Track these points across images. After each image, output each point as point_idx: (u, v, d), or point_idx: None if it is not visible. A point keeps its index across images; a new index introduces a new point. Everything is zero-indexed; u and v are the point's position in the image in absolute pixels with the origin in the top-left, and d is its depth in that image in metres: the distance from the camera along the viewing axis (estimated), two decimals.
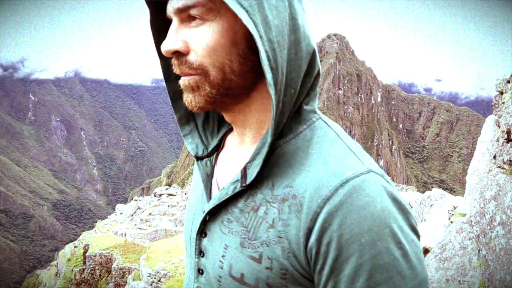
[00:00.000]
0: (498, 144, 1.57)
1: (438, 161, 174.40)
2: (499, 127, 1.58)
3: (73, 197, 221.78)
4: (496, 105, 1.63)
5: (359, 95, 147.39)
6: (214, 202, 0.77)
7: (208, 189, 0.83)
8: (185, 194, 45.33)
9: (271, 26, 0.65)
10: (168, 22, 0.75)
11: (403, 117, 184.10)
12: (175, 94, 0.85)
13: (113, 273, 24.20)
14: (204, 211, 0.81)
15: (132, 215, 41.76)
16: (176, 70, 0.73)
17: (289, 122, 0.73)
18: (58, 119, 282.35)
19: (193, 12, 0.67)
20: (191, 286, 0.84)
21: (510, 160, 1.47)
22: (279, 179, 0.71)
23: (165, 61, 0.81)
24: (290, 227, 0.68)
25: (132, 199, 66.71)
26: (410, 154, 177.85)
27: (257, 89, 0.74)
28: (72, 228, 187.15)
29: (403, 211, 0.67)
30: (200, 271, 0.82)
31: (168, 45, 0.70)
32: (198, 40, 0.68)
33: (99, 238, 31.44)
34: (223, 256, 0.75)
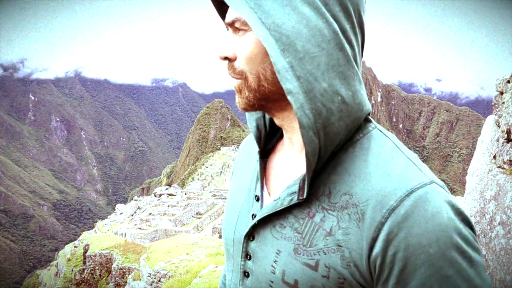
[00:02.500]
0: (498, 144, 1.57)
1: (438, 161, 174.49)
2: (499, 127, 1.58)
3: (73, 197, 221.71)
4: (496, 105, 1.62)
5: None
6: (267, 210, 0.78)
7: (259, 191, 0.84)
8: (185, 194, 45.32)
9: (298, 36, 0.67)
10: None
11: (403, 117, 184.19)
12: None
13: (113, 273, 24.21)
14: (252, 215, 0.82)
15: (132, 215, 41.77)
16: (228, 73, 0.79)
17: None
18: (58, 119, 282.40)
19: (237, 25, 0.74)
20: None
21: (510, 160, 1.48)
22: (337, 186, 0.72)
23: None
24: (351, 235, 0.69)
25: (132, 199, 66.71)
26: None
27: None
28: (72, 228, 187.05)
29: (466, 221, 0.67)
30: (246, 274, 0.82)
31: (219, 51, 0.77)
32: (241, 48, 0.75)
33: (99, 238, 31.47)
34: (275, 261, 0.75)
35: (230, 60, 0.77)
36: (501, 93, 1.61)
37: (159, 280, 15.48)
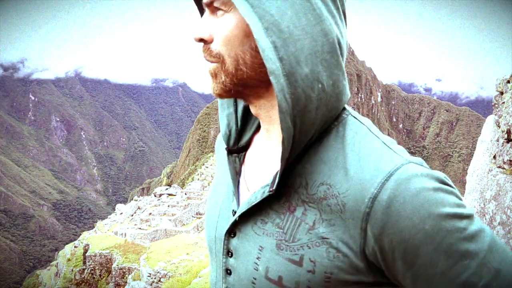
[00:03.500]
0: (498, 144, 1.57)
1: (438, 161, 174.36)
2: (499, 127, 1.58)
3: (73, 197, 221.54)
4: (496, 105, 1.62)
5: (359, 95, 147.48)
6: (244, 206, 0.76)
7: (236, 187, 0.82)
8: (185, 194, 45.32)
9: (282, 16, 0.65)
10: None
11: (403, 117, 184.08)
12: None
13: (113, 273, 24.21)
14: (233, 211, 0.81)
15: (132, 215, 41.76)
16: (203, 56, 0.75)
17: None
18: (58, 119, 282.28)
19: (216, 4, 0.71)
20: (219, 286, 0.83)
21: (510, 160, 1.47)
22: (313, 177, 0.71)
23: None
24: (336, 227, 0.67)
25: (132, 199, 66.67)
26: (410, 154, 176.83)
27: None
28: (72, 228, 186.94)
29: (448, 185, 0.67)
30: (228, 271, 0.80)
31: (195, 32, 0.74)
32: (219, 30, 0.72)
33: (99, 238, 31.46)
34: (258, 258, 0.74)
35: (206, 42, 0.74)
36: (501, 93, 1.60)
37: (159, 280, 15.48)
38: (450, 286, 0.64)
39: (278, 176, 0.70)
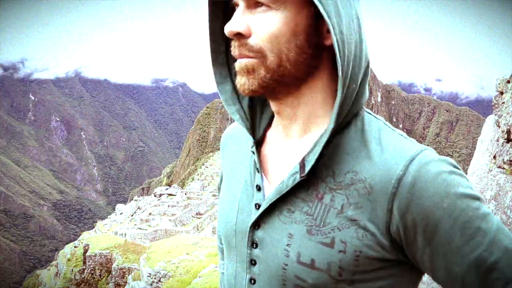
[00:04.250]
0: (498, 144, 1.58)
1: None
2: (499, 127, 1.59)
3: (73, 197, 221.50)
4: (496, 105, 1.65)
5: None
6: (274, 196, 0.80)
7: (255, 182, 0.87)
8: (185, 194, 45.31)
9: (342, 19, 0.72)
10: (227, 6, 0.84)
11: (403, 117, 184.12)
12: (221, 77, 0.89)
13: (113, 273, 24.20)
14: (256, 204, 0.84)
15: (132, 215, 41.76)
16: (234, 51, 0.78)
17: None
18: (58, 119, 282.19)
19: (264, 1, 0.73)
20: (242, 277, 0.87)
21: (510, 160, 1.49)
22: (339, 166, 0.77)
23: (216, 44, 0.88)
24: (363, 209, 0.74)
25: (132, 199, 66.64)
26: None
27: (308, 83, 0.79)
28: (72, 228, 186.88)
29: (459, 169, 0.75)
30: (252, 262, 0.84)
31: (232, 26, 0.75)
32: (262, 25, 0.74)
33: (99, 238, 31.46)
34: (288, 245, 0.78)
35: (243, 36, 0.76)
36: (501, 93, 1.62)
37: (159, 280, 15.48)
38: (464, 261, 0.70)
39: (311, 158, 0.76)
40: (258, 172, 0.86)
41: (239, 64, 0.77)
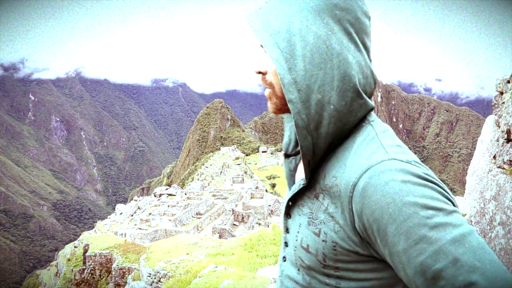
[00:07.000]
0: (498, 144, 1.60)
1: (438, 161, 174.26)
2: (499, 127, 1.61)
3: (73, 197, 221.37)
4: (496, 105, 1.67)
5: None
6: (291, 194, 1.07)
7: (291, 182, 1.16)
8: (185, 194, 45.27)
9: (301, 58, 0.91)
10: None
11: (403, 117, 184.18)
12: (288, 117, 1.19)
13: (113, 273, 24.18)
14: (288, 200, 1.10)
15: (132, 215, 41.74)
16: (262, 83, 1.04)
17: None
18: (58, 119, 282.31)
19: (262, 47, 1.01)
20: (281, 256, 1.14)
21: (510, 160, 1.50)
22: (330, 171, 0.96)
23: None
24: (338, 209, 0.92)
25: (132, 199, 66.63)
26: None
27: None
28: (72, 228, 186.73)
29: (426, 183, 0.83)
30: (285, 244, 1.11)
31: (255, 67, 1.02)
32: (270, 65, 1.00)
33: (99, 238, 31.40)
34: (298, 232, 1.02)
35: (262, 73, 1.02)
36: (501, 93, 1.64)
37: (159, 280, 15.46)
38: (411, 264, 0.80)
39: (305, 172, 0.98)
40: (293, 173, 1.17)
41: (265, 92, 1.03)
